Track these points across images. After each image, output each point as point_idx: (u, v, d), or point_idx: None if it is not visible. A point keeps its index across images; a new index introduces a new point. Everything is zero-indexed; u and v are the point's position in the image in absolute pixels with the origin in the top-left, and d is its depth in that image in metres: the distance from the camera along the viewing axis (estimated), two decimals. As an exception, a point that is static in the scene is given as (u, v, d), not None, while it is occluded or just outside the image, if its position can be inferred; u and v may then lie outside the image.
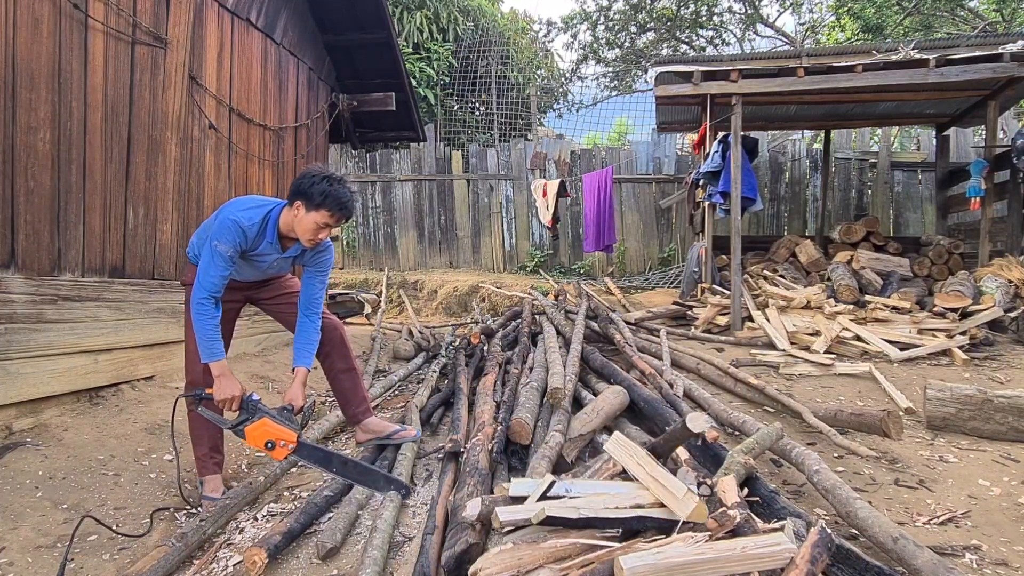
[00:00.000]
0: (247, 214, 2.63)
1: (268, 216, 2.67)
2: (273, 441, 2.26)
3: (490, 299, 9.11)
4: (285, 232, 2.68)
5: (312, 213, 2.55)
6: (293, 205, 2.59)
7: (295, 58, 5.72)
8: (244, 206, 2.69)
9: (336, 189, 2.55)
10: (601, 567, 1.61)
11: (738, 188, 6.14)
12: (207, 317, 2.58)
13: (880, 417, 3.07)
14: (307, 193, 2.54)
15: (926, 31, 12.22)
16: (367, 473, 2.58)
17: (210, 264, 2.58)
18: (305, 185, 2.55)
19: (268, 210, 2.68)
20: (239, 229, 2.59)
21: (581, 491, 1.94)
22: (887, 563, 1.88)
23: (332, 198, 2.54)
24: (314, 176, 2.56)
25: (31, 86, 3.29)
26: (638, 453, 2.03)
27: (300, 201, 2.57)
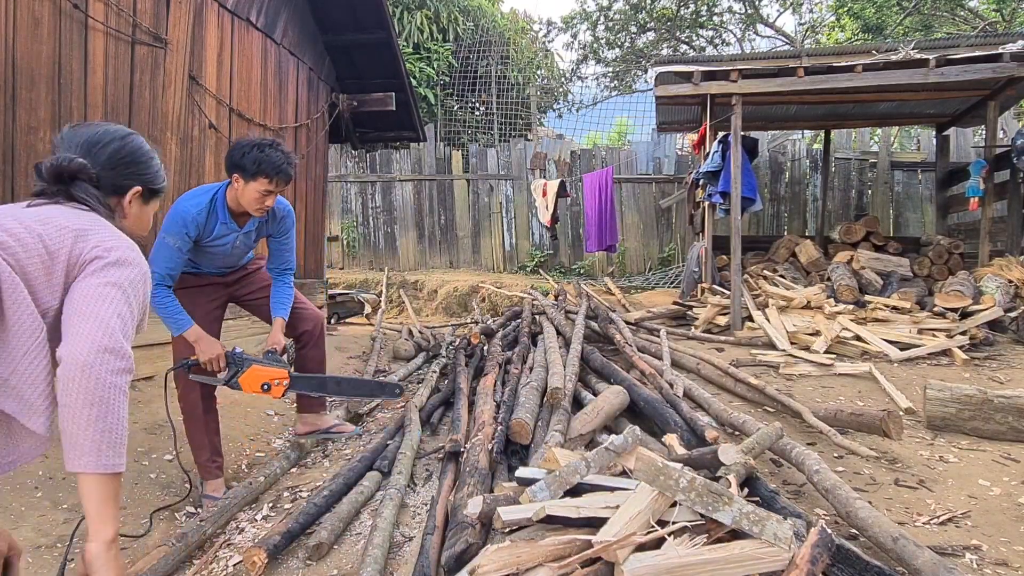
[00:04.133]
0: (193, 202, 2.68)
1: (215, 198, 2.71)
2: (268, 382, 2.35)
3: (490, 299, 9.11)
4: (235, 208, 2.72)
5: (251, 183, 2.60)
6: (232, 179, 2.64)
7: (295, 58, 5.72)
8: (191, 195, 2.74)
9: (268, 155, 2.58)
10: (601, 567, 1.61)
11: (738, 188, 6.14)
12: (161, 298, 2.63)
13: (880, 417, 3.07)
14: (240, 165, 2.59)
15: (926, 31, 12.22)
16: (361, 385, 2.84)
17: (157, 254, 2.62)
18: (236, 157, 2.60)
19: (214, 192, 2.72)
20: (183, 220, 2.63)
21: (591, 480, 1.98)
22: (887, 563, 1.88)
23: (267, 164, 2.56)
24: (244, 146, 2.60)
25: (31, 86, 3.29)
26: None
27: (236, 174, 2.62)
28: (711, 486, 1.70)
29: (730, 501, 1.67)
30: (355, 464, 3.01)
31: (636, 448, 2.24)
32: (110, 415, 1.12)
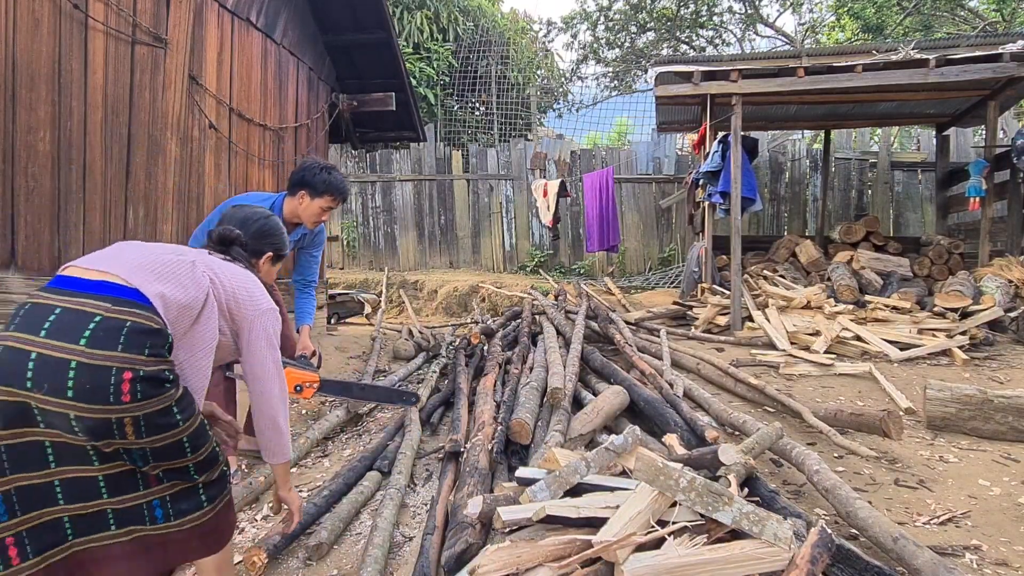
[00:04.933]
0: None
1: (272, 208, 2.99)
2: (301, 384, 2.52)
3: (490, 299, 9.11)
4: (289, 219, 3.03)
5: (317, 200, 2.96)
6: (297, 195, 2.97)
7: (295, 58, 5.72)
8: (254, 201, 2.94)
9: (335, 177, 2.97)
10: (601, 567, 1.61)
11: (738, 188, 6.14)
12: None
13: (880, 417, 3.07)
14: (311, 183, 2.94)
15: (926, 31, 12.22)
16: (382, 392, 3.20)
17: None
18: (308, 176, 2.94)
19: (272, 203, 3.02)
20: None
21: (591, 480, 1.99)
22: (887, 563, 1.88)
23: (333, 185, 2.96)
24: (314, 167, 2.96)
25: (31, 86, 3.29)
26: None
27: (304, 191, 2.96)
28: (711, 486, 1.70)
29: (730, 501, 1.67)
30: (355, 464, 3.01)
31: (636, 448, 2.24)
32: (284, 436, 1.81)
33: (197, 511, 1.55)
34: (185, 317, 1.51)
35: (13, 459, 1.37)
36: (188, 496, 1.54)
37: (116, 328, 1.36)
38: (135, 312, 1.40)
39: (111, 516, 1.47)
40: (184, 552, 1.57)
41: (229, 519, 1.67)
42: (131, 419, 1.36)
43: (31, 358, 1.33)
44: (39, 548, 1.40)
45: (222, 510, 1.62)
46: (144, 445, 1.41)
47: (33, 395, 1.32)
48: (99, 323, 1.36)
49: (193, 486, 1.55)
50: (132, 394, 1.34)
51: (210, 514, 1.58)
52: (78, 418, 1.33)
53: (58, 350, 1.33)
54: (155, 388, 1.38)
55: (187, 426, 1.46)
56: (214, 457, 1.58)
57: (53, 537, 1.42)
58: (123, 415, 1.34)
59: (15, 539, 1.37)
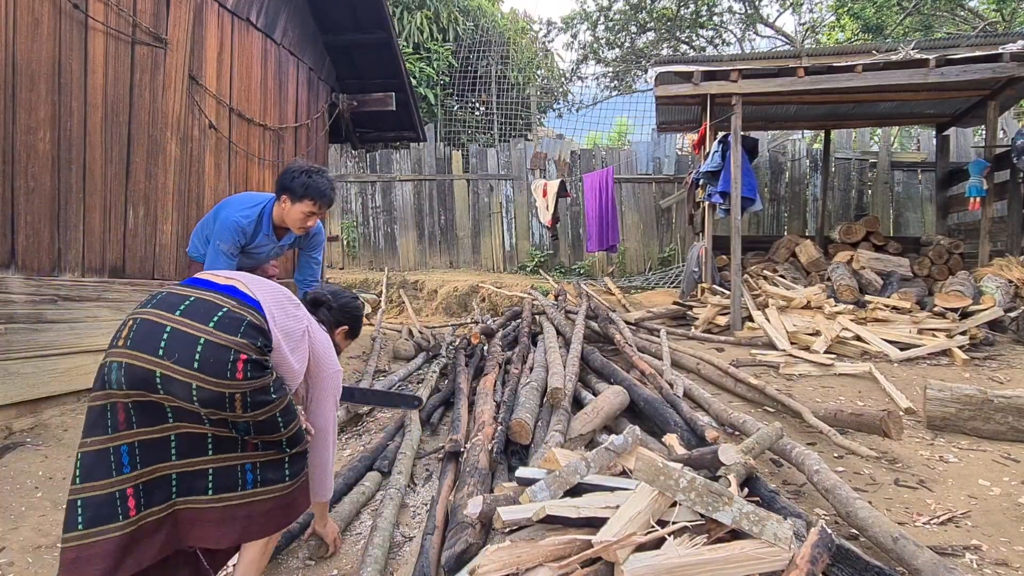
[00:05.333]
0: (244, 213, 2.95)
1: (263, 212, 2.99)
2: None
3: (490, 299, 9.11)
4: (279, 223, 3.01)
5: (298, 204, 2.87)
6: (280, 200, 2.92)
7: (295, 58, 5.72)
8: (242, 206, 2.98)
9: (315, 180, 2.86)
10: (601, 567, 1.61)
11: (738, 188, 6.14)
12: None
13: (880, 417, 3.07)
14: (290, 188, 2.86)
15: (926, 31, 12.22)
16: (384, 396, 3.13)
17: (215, 262, 2.93)
18: (287, 180, 2.87)
19: (262, 207, 2.99)
20: (239, 229, 2.94)
21: (591, 480, 2.00)
22: (887, 563, 1.88)
23: (313, 189, 2.85)
24: (295, 171, 2.87)
25: (31, 86, 3.29)
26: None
27: (285, 195, 2.89)
28: (711, 486, 1.70)
29: (730, 501, 1.67)
30: (355, 464, 3.01)
31: (636, 448, 2.24)
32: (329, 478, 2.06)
33: (280, 483, 1.74)
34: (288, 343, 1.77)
35: (139, 415, 1.59)
36: (275, 467, 1.73)
37: (239, 320, 1.63)
38: (253, 313, 1.67)
39: (211, 478, 1.65)
40: (263, 525, 1.72)
41: (303, 498, 1.85)
42: (240, 395, 1.58)
43: (166, 331, 1.57)
44: (150, 502, 1.60)
45: (300, 486, 1.82)
46: (248, 419, 1.62)
47: (163, 363, 1.54)
48: (225, 312, 1.63)
49: (281, 459, 1.75)
50: (244, 373, 1.57)
51: (291, 487, 1.76)
52: (199, 387, 1.54)
53: (191, 328, 1.57)
54: (260, 371, 1.62)
55: (279, 402, 1.68)
56: (300, 434, 1.79)
57: (162, 494, 1.62)
58: (235, 390, 1.57)
59: (134, 490, 1.57)
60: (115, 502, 1.53)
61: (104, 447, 1.55)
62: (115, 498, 1.53)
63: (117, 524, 1.52)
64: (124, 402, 1.57)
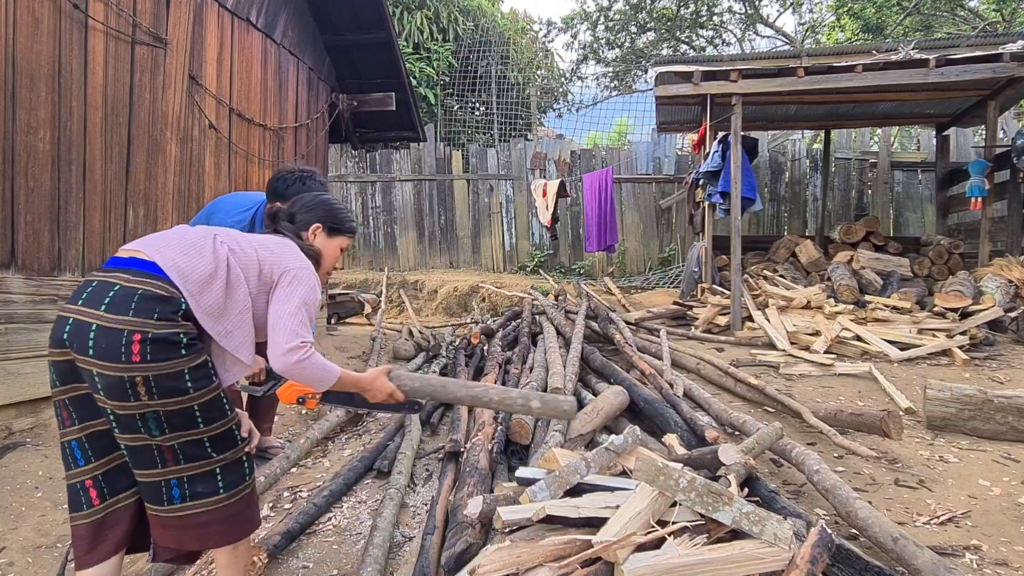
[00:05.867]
0: (237, 219, 2.95)
1: (255, 216, 2.99)
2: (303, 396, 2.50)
3: (490, 299, 9.11)
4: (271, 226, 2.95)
5: None
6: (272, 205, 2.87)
7: (295, 58, 5.72)
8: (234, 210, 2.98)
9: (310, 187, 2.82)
10: (602, 567, 1.61)
11: (738, 188, 6.13)
12: None
13: (880, 417, 3.07)
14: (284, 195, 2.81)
15: (926, 31, 12.22)
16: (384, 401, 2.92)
17: None
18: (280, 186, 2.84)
19: (254, 211, 3.00)
20: None
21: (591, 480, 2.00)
22: (887, 563, 1.88)
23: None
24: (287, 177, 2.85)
25: (31, 86, 3.29)
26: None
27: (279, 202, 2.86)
28: (711, 486, 1.70)
29: (730, 501, 1.67)
30: (355, 464, 3.01)
31: (636, 448, 2.24)
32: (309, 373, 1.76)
33: (213, 496, 1.62)
34: (213, 287, 1.64)
35: (77, 410, 1.58)
36: (205, 480, 1.61)
37: (129, 295, 1.54)
38: (148, 281, 1.57)
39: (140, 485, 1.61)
40: (200, 537, 1.64)
41: (249, 514, 1.71)
42: (142, 378, 1.49)
43: (69, 322, 1.54)
44: (114, 490, 1.62)
45: (241, 502, 1.67)
46: (157, 407, 1.52)
47: (71, 353, 1.53)
48: (117, 291, 1.55)
49: (211, 469, 1.61)
50: (141, 355, 1.49)
51: (227, 502, 1.64)
52: (99, 375, 1.50)
53: (86, 315, 1.53)
54: (165, 351, 1.51)
55: (199, 395, 1.56)
56: (232, 438, 1.66)
57: (126, 480, 1.62)
58: (134, 374, 1.49)
59: (93, 482, 1.60)
60: (79, 493, 1.60)
61: (62, 441, 1.61)
62: (78, 489, 1.60)
63: (84, 513, 1.60)
64: (63, 399, 1.59)
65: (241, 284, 1.69)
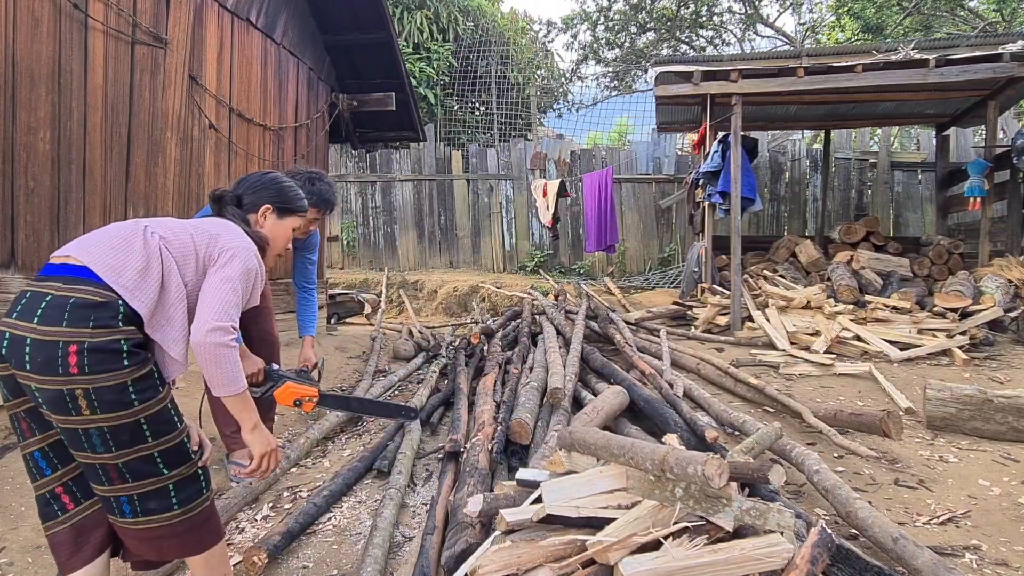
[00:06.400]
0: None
1: None
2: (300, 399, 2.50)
3: (490, 299, 9.11)
4: None
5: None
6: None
7: (295, 58, 5.72)
8: None
9: (319, 188, 2.86)
10: (603, 568, 1.61)
11: (738, 188, 6.14)
12: None
13: (880, 417, 3.07)
14: None
15: (926, 31, 12.22)
16: (382, 406, 3.00)
17: None
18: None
19: None
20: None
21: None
22: (887, 563, 1.88)
23: (318, 197, 2.85)
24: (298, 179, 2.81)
25: (31, 86, 3.29)
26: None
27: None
28: (708, 491, 1.70)
29: (729, 502, 1.67)
30: (355, 464, 3.01)
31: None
32: (223, 365, 1.60)
33: (166, 512, 1.55)
34: (149, 279, 1.56)
35: (34, 421, 1.55)
36: (158, 496, 1.54)
37: (61, 305, 1.47)
38: (80, 288, 1.49)
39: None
40: (158, 549, 1.60)
41: (209, 526, 1.64)
42: (82, 391, 1.43)
43: (5, 337, 1.48)
44: (87, 494, 1.59)
45: (198, 517, 1.60)
46: (101, 423, 1.45)
47: (11, 368, 1.47)
48: (49, 302, 1.48)
49: (163, 486, 1.54)
50: (79, 366, 1.42)
51: (181, 518, 1.57)
52: (39, 389, 1.44)
53: (20, 328, 1.46)
54: (105, 362, 1.44)
55: (144, 407, 1.50)
56: (183, 451, 1.58)
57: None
58: (73, 387, 1.42)
59: (64, 488, 1.58)
60: (50, 502, 1.59)
61: (25, 453, 1.59)
62: (48, 498, 1.59)
63: (60, 519, 1.59)
64: (18, 412, 1.55)
65: (173, 274, 1.59)
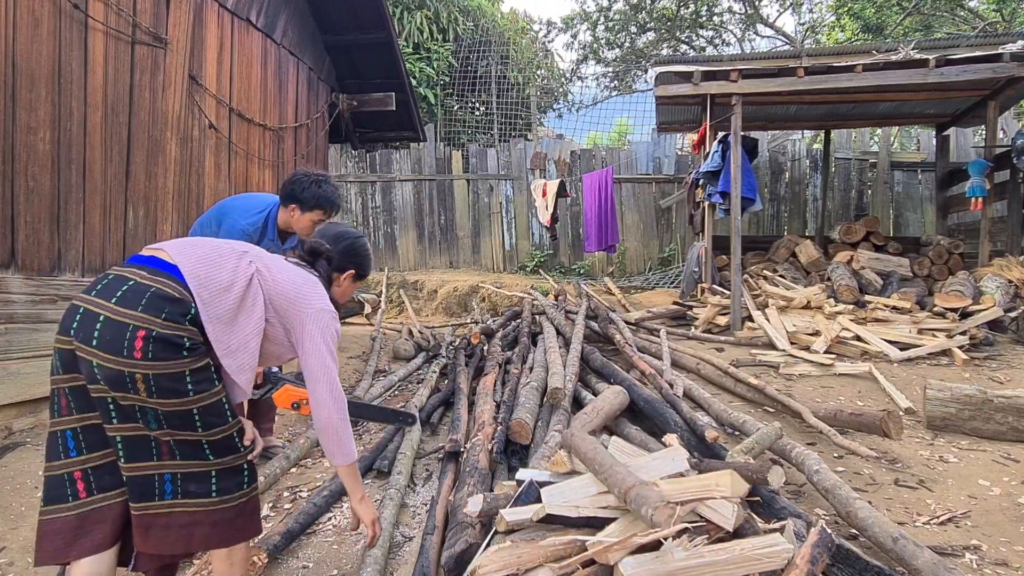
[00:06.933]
0: (251, 221, 2.96)
1: (268, 218, 3.00)
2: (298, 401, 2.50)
3: (490, 299, 9.11)
4: (283, 228, 3.02)
5: (308, 213, 2.90)
6: (288, 207, 2.93)
7: (295, 58, 5.72)
8: (246, 213, 2.98)
9: (325, 190, 2.89)
10: (604, 568, 1.61)
11: (738, 188, 6.13)
12: None
13: (880, 417, 3.07)
14: (300, 197, 2.88)
15: (926, 31, 12.22)
16: (379, 411, 2.98)
17: None
18: (297, 190, 2.88)
19: (267, 212, 3.00)
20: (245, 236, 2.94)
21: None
22: (887, 563, 1.88)
23: (323, 199, 2.89)
24: (303, 180, 2.88)
25: (31, 86, 3.29)
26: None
27: (294, 204, 2.90)
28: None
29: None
30: (355, 464, 3.01)
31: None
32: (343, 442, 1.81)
33: (204, 498, 1.60)
34: (226, 299, 1.63)
35: (76, 400, 1.57)
36: (199, 480, 1.60)
37: (141, 291, 1.54)
38: (162, 280, 1.57)
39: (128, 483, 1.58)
40: (187, 538, 1.60)
41: (240, 523, 1.67)
42: (142, 376, 1.49)
43: (79, 312, 1.55)
44: (101, 486, 1.60)
45: (232, 509, 1.64)
46: (155, 406, 1.52)
47: (73, 342, 1.52)
48: (131, 286, 1.56)
49: (206, 471, 1.61)
50: (144, 352, 1.49)
51: (217, 507, 1.61)
52: (99, 366, 1.49)
53: (96, 306, 1.53)
54: (167, 351, 1.51)
55: (198, 399, 1.55)
56: (232, 445, 1.64)
57: (112, 480, 1.60)
58: (134, 370, 1.49)
59: (82, 474, 1.59)
60: (64, 484, 1.58)
61: (53, 430, 1.60)
62: (64, 480, 1.58)
63: (67, 505, 1.57)
64: (63, 387, 1.58)
65: (259, 306, 1.67)
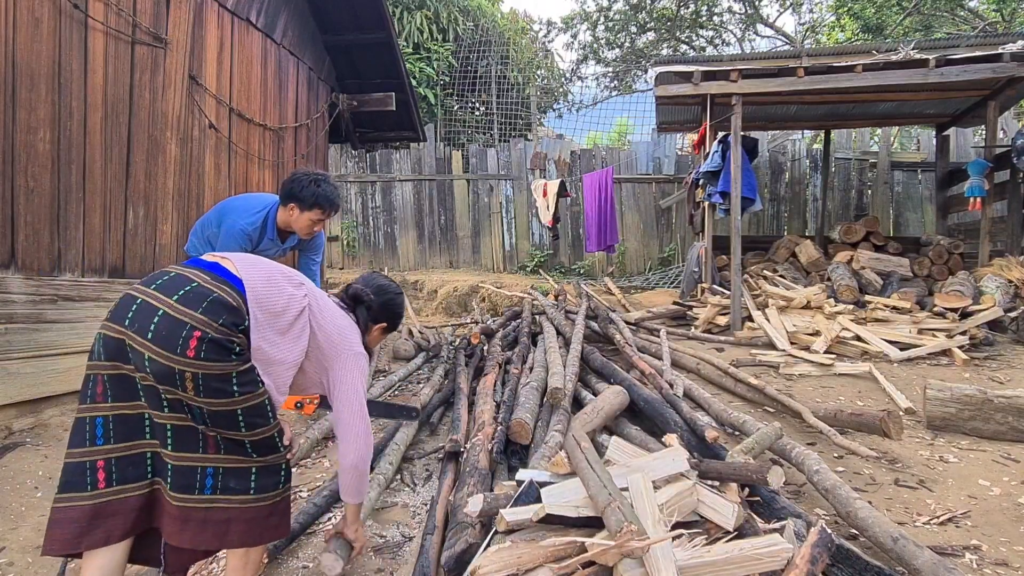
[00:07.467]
0: (249, 220, 2.97)
1: (267, 218, 3.01)
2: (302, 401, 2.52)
3: (490, 299, 9.11)
4: (283, 227, 3.03)
5: (307, 212, 2.90)
6: (287, 207, 2.92)
7: (295, 58, 5.72)
8: (246, 213, 2.99)
9: (324, 190, 2.88)
10: (603, 568, 1.61)
11: (738, 188, 6.13)
12: None
13: (880, 417, 3.07)
14: (299, 196, 2.88)
15: (926, 31, 12.22)
16: (382, 407, 3.02)
17: None
18: (296, 189, 2.87)
19: (267, 212, 3.01)
20: (245, 236, 2.98)
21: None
22: (887, 563, 1.88)
23: (322, 198, 2.89)
24: (303, 180, 2.88)
25: (31, 86, 3.29)
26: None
27: (293, 203, 2.90)
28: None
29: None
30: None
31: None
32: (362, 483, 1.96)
33: (243, 495, 1.64)
34: (274, 323, 1.69)
35: (114, 388, 1.60)
36: (239, 476, 1.64)
37: (203, 295, 1.59)
38: (225, 290, 1.62)
39: (170, 474, 1.61)
40: (222, 534, 1.63)
41: (272, 522, 1.71)
42: (191, 375, 1.52)
43: (136, 302, 1.58)
44: (123, 478, 1.60)
45: (266, 508, 1.68)
46: (202, 404, 1.56)
47: (126, 332, 1.55)
48: (193, 287, 1.60)
49: (247, 467, 1.65)
50: (197, 351, 1.52)
51: (253, 504, 1.65)
52: (151, 359, 1.52)
53: (156, 300, 1.57)
54: (218, 353, 1.55)
55: (243, 400, 1.59)
56: (273, 446, 1.69)
57: (136, 472, 1.62)
58: (185, 368, 1.52)
59: (105, 463, 1.59)
60: (85, 472, 1.58)
61: (83, 416, 1.61)
62: (86, 468, 1.58)
63: (85, 494, 1.57)
64: (103, 374, 1.59)
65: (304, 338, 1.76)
